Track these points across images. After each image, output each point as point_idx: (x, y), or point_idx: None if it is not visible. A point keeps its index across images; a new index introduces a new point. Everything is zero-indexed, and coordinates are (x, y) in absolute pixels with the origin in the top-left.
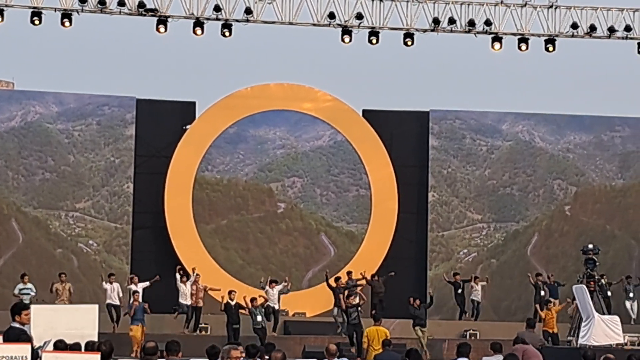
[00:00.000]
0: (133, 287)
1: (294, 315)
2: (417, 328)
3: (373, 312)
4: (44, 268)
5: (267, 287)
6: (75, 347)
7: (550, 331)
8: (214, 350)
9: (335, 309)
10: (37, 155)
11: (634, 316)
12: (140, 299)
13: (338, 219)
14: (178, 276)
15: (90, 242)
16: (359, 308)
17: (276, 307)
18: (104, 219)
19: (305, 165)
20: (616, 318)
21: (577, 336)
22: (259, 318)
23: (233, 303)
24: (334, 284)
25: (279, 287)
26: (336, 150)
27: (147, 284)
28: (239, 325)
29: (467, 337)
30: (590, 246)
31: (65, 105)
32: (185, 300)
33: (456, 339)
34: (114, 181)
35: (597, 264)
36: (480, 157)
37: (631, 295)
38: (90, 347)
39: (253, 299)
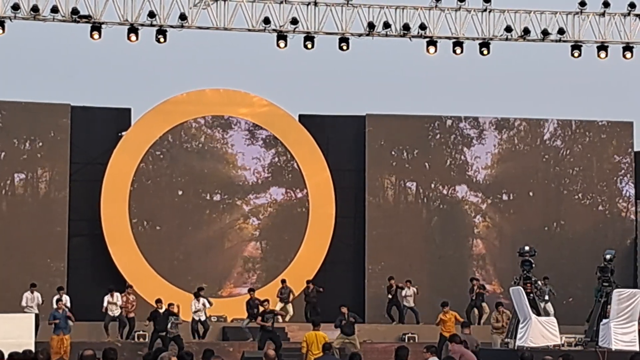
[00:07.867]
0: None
1: (232, 321)
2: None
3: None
4: None
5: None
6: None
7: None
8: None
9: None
10: None
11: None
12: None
13: (276, 224)
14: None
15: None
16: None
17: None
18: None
19: (243, 170)
20: (553, 319)
21: (515, 338)
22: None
23: (162, 311)
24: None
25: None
26: (273, 155)
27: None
28: (167, 333)
29: (406, 340)
30: (527, 248)
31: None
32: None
33: (394, 343)
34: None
35: (533, 265)
36: (418, 161)
37: (546, 297)
38: (27, 355)
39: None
